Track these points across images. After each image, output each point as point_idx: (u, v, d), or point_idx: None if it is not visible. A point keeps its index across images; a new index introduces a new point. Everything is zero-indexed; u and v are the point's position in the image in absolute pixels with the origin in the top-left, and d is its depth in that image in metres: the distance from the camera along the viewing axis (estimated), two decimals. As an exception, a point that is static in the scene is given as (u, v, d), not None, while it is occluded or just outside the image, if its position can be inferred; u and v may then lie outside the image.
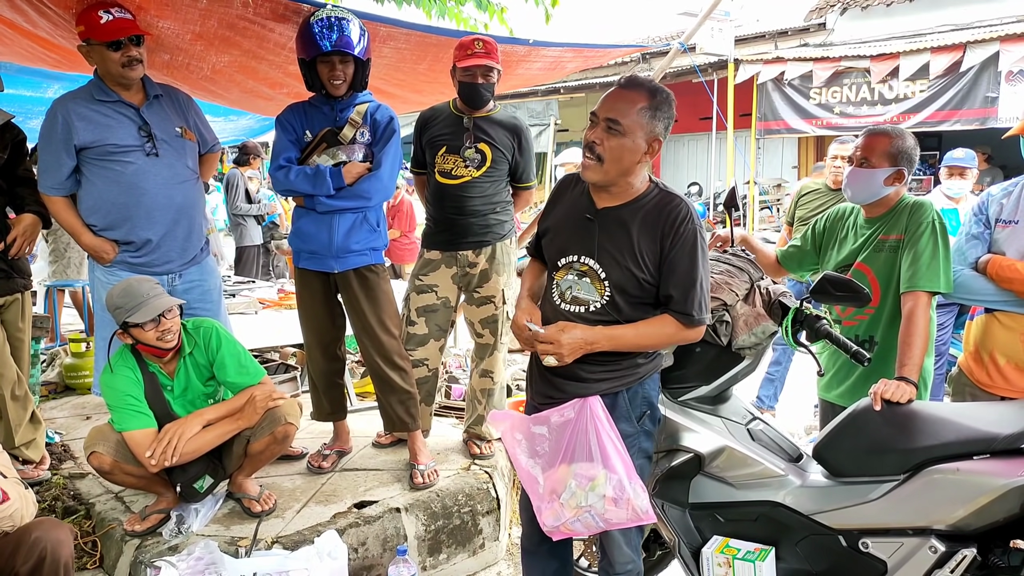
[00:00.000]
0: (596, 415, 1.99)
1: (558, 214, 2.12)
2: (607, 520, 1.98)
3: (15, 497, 2.11)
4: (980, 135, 9.64)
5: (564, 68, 4.87)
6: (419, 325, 3.33)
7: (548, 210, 2.17)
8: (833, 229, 2.71)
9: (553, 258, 2.09)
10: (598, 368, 2.03)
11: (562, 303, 2.03)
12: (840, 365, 2.64)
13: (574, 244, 2.03)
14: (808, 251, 2.80)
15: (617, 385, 2.06)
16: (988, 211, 2.51)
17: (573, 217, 2.05)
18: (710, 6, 5.10)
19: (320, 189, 2.93)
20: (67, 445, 3.65)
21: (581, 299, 2.01)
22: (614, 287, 1.97)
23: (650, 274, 1.96)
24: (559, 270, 2.06)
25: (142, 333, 2.56)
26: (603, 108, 1.94)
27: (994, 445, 1.98)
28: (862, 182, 2.50)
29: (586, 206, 2.04)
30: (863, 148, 2.50)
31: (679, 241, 1.93)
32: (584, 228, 2.01)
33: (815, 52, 11.13)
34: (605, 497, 1.94)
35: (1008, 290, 2.36)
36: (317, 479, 3.18)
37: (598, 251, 1.98)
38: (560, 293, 2.04)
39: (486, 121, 3.22)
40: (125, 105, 2.85)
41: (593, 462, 1.95)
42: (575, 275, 2.02)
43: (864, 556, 2.10)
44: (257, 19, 3.04)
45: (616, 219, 1.98)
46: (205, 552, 2.46)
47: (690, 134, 14.99)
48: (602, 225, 1.99)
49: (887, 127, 2.56)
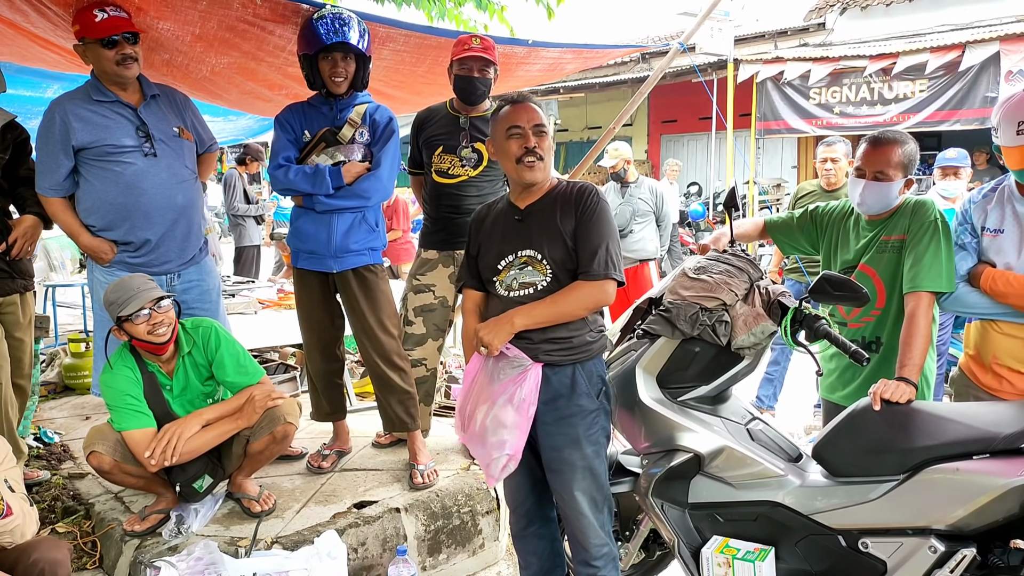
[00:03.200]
0: (534, 381, 2.15)
1: (485, 235, 2.35)
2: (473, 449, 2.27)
3: (17, 512, 2.11)
4: (980, 135, 9.64)
5: (563, 69, 4.87)
6: (417, 325, 3.33)
7: (471, 240, 2.40)
8: (832, 229, 2.67)
9: (491, 267, 2.29)
10: (553, 347, 2.20)
11: (509, 293, 2.24)
12: (845, 366, 2.62)
13: (508, 245, 2.26)
14: (795, 230, 2.76)
15: (570, 358, 2.22)
16: (972, 218, 2.45)
17: (500, 227, 2.31)
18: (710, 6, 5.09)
19: (319, 188, 2.94)
20: (67, 445, 3.65)
21: (527, 282, 2.22)
22: (554, 263, 2.20)
23: (571, 242, 2.20)
24: (499, 273, 2.26)
25: (134, 328, 2.56)
26: (525, 119, 2.22)
27: (994, 445, 1.97)
28: (878, 195, 2.44)
29: (510, 212, 2.31)
30: (876, 161, 2.42)
31: (589, 211, 2.20)
32: (514, 228, 2.27)
33: (815, 52, 11.14)
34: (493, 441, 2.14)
35: (1003, 303, 2.31)
36: (317, 479, 3.18)
37: (533, 239, 2.22)
38: (506, 287, 2.25)
39: (482, 121, 3.23)
40: (122, 105, 2.85)
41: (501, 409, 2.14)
42: (516, 269, 2.23)
43: (864, 556, 2.10)
44: (257, 21, 3.04)
45: (540, 209, 2.26)
46: (205, 552, 2.45)
47: (690, 134, 14.99)
48: (531, 218, 2.25)
49: (889, 134, 2.48)
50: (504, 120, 2.24)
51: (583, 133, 16.82)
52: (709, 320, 2.26)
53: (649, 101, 14.51)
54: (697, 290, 2.32)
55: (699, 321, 2.26)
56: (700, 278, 2.35)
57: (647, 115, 15.53)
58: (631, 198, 5.93)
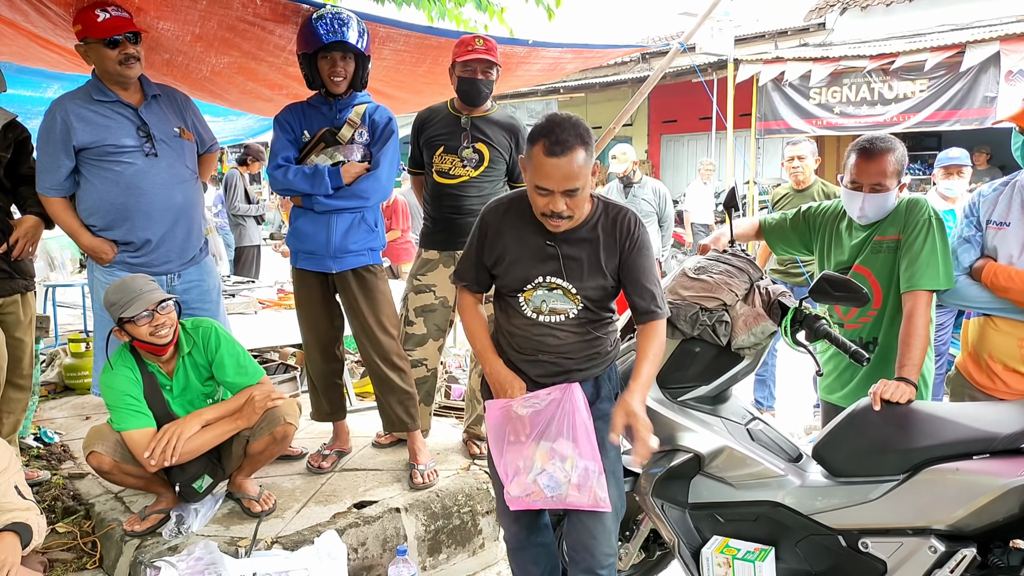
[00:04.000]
0: (576, 402, 2.07)
1: (509, 246, 2.13)
2: (567, 502, 2.07)
3: None
4: (980, 135, 9.63)
5: (564, 69, 4.87)
6: (417, 325, 3.33)
7: (484, 244, 2.18)
8: (825, 229, 2.65)
9: (516, 284, 2.14)
10: (587, 363, 2.16)
11: (539, 316, 2.12)
12: (843, 367, 2.62)
13: (537, 269, 2.10)
14: (788, 232, 2.75)
15: (597, 370, 2.20)
16: (979, 212, 2.44)
17: (530, 247, 2.10)
18: (710, 6, 5.10)
19: (318, 188, 2.93)
20: (67, 445, 3.65)
21: (558, 309, 2.10)
22: (585, 298, 2.09)
23: (613, 278, 2.11)
24: (526, 291, 2.12)
25: (136, 329, 2.56)
26: (557, 181, 1.93)
27: (994, 445, 1.98)
28: (878, 206, 2.43)
29: (541, 235, 2.09)
30: (872, 173, 2.39)
31: (634, 245, 2.07)
32: (544, 252, 2.09)
33: (815, 52, 11.13)
34: (570, 482, 2.03)
35: (1004, 298, 2.32)
36: (317, 479, 3.18)
37: (566, 271, 2.08)
38: (535, 308, 2.12)
39: (483, 121, 3.23)
40: (123, 105, 2.85)
41: (566, 443, 2.04)
42: (545, 290, 2.10)
43: (864, 556, 2.10)
44: (257, 21, 3.04)
45: (576, 240, 2.08)
46: (205, 552, 2.45)
47: (690, 134, 14.98)
48: (564, 248, 2.08)
49: (879, 143, 2.42)
50: (535, 165, 1.95)
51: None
52: (709, 320, 2.26)
53: (649, 101, 14.50)
54: (697, 290, 2.32)
55: (699, 321, 2.26)
56: (700, 278, 2.35)
57: (647, 115, 15.52)
58: (635, 199, 5.93)
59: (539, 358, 2.15)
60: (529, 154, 1.97)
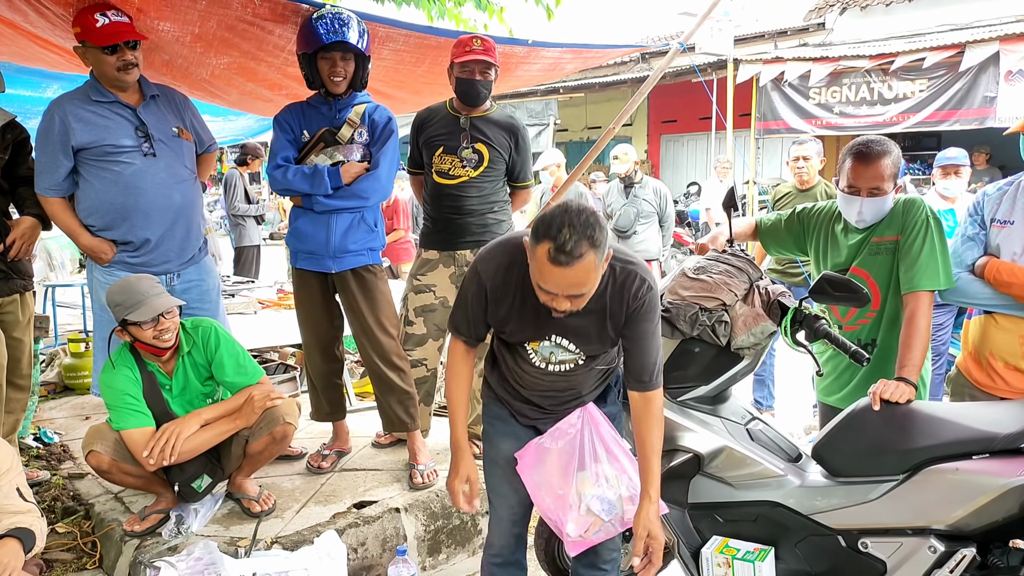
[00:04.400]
0: (596, 420, 2.10)
1: (513, 312, 1.98)
2: (627, 520, 2.04)
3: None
4: (979, 135, 9.63)
5: (563, 69, 4.86)
6: (417, 325, 3.33)
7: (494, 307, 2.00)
8: (820, 231, 2.63)
9: (523, 340, 2.04)
10: (597, 386, 2.17)
11: (547, 366, 2.05)
12: (841, 369, 2.62)
13: (544, 331, 1.99)
14: (783, 233, 2.73)
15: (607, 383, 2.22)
16: (984, 210, 2.44)
17: (531, 311, 1.95)
18: (710, 6, 5.09)
19: (318, 188, 2.94)
20: (66, 445, 3.65)
21: (566, 360, 2.05)
22: (588, 356, 2.05)
23: (618, 334, 2.01)
24: (532, 343, 2.04)
25: (140, 331, 2.56)
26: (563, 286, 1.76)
27: (993, 445, 1.97)
28: (876, 209, 2.43)
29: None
30: (870, 178, 2.38)
31: (641, 311, 1.95)
32: (551, 320, 1.92)
33: (814, 52, 11.13)
34: (621, 496, 2.04)
35: (1006, 294, 2.32)
36: (316, 479, 3.18)
37: (575, 339, 2.00)
38: (543, 358, 2.05)
39: (483, 121, 3.22)
40: (122, 106, 2.85)
41: (604, 463, 2.06)
42: (552, 344, 2.02)
43: (863, 556, 2.10)
44: (256, 21, 3.04)
45: (583, 311, 1.89)
46: (204, 552, 2.46)
47: (689, 134, 14.98)
48: (570, 320, 1.93)
49: (875, 147, 2.40)
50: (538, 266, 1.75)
51: (583, 133, 16.82)
52: (709, 320, 2.26)
53: (649, 101, 14.50)
54: (696, 290, 2.32)
55: (699, 321, 2.26)
56: (699, 278, 2.35)
57: (647, 115, 15.53)
58: (635, 199, 5.93)
59: (549, 394, 2.15)
60: (532, 249, 1.76)
